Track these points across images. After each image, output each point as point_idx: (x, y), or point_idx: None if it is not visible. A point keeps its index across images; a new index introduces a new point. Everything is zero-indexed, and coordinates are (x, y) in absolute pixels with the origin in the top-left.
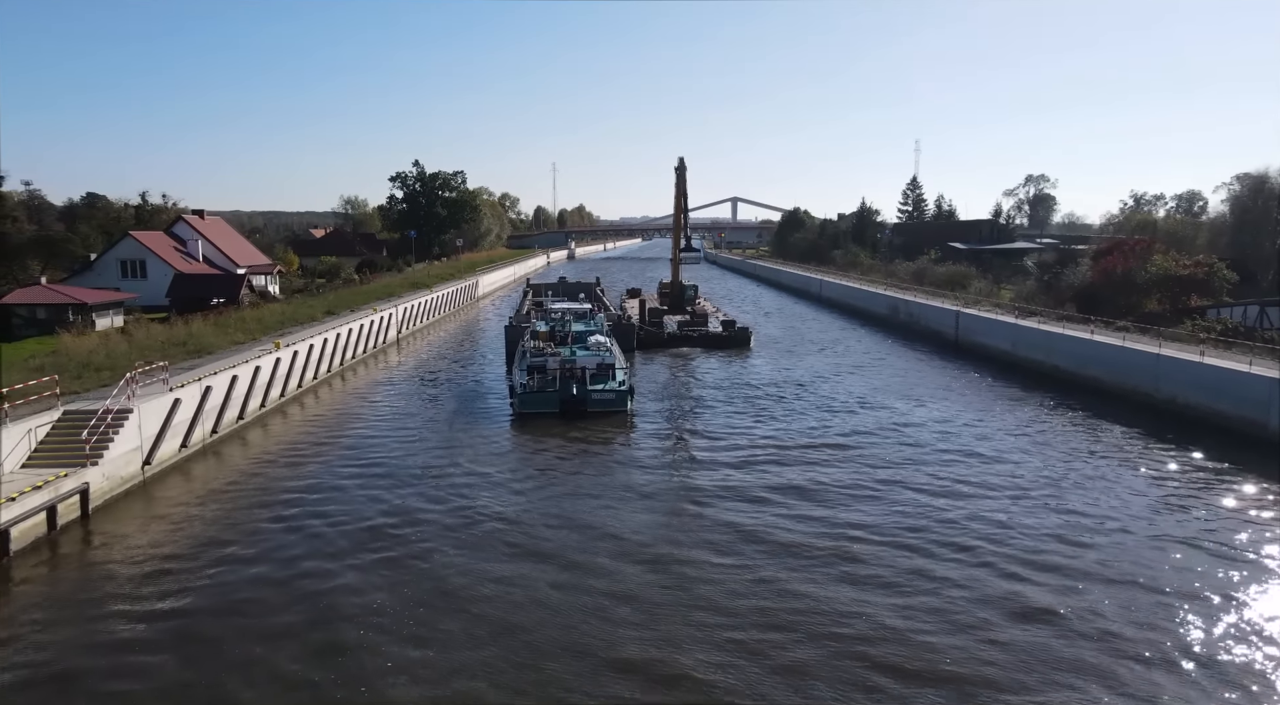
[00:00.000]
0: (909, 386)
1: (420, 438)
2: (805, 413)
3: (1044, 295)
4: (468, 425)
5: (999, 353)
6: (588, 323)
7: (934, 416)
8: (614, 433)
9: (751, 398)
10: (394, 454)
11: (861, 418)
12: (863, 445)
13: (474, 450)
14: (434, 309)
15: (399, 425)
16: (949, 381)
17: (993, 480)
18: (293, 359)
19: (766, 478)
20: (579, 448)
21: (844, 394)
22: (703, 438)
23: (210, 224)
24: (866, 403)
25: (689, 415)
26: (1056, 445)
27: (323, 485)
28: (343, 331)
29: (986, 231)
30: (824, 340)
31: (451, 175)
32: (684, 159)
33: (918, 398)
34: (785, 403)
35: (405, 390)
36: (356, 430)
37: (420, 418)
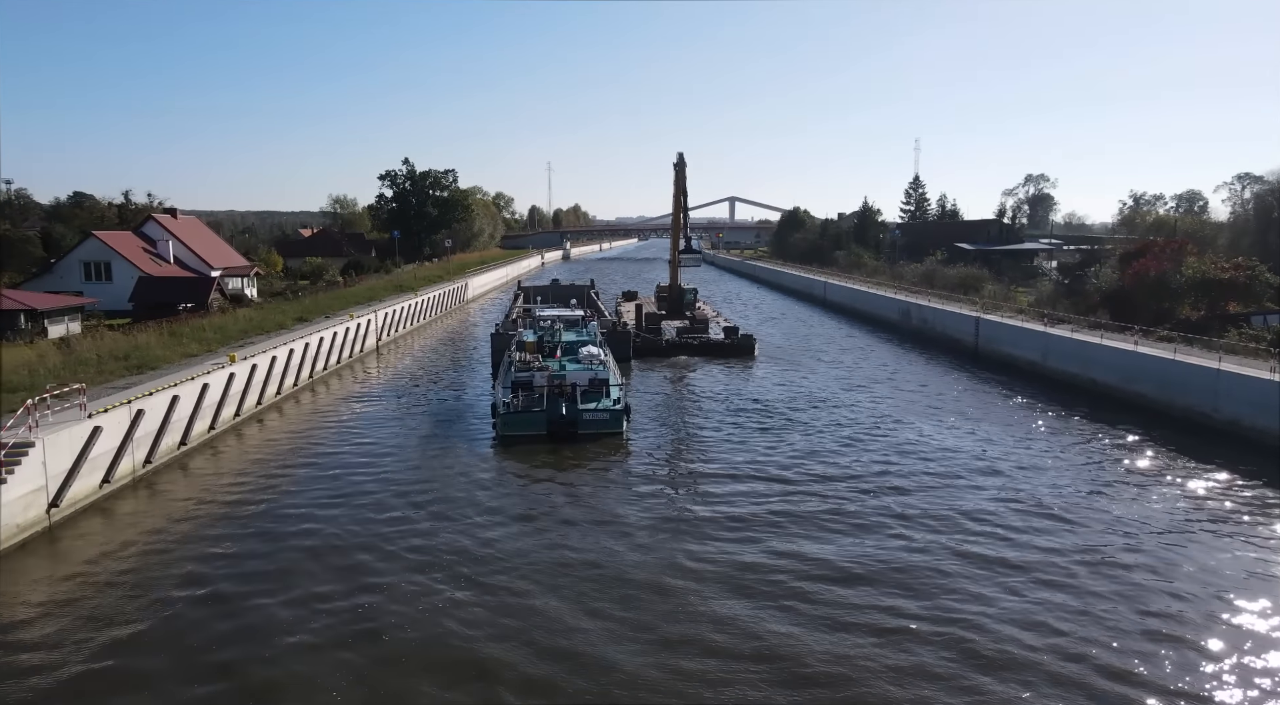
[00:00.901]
0: (932, 403)
1: (387, 466)
2: (820, 436)
3: (1065, 299)
4: (443, 451)
5: (1027, 364)
6: (579, 331)
7: (966, 443)
8: (607, 460)
9: (759, 417)
10: (355, 489)
11: (882, 444)
12: (887, 482)
13: (447, 484)
14: (418, 314)
15: (365, 450)
16: (976, 397)
17: (1059, 540)
18: (250, 373)
19: (781, 526)
20: (568, 480)
21: (860, 413)
22: (707, 468)
23: (183, 224)
24: (886, 425)
25: (691, 439)
26: (1125, 486)
27: (266, 531)
28: (312, 341)
29: (995, 232)
30: (832, 348)
31: (442, 174)
32: (683, 155)
33: (944, 417)
34: (797, 425)
35: (378, 407)
36: (316, 456)
37: (390, 441)
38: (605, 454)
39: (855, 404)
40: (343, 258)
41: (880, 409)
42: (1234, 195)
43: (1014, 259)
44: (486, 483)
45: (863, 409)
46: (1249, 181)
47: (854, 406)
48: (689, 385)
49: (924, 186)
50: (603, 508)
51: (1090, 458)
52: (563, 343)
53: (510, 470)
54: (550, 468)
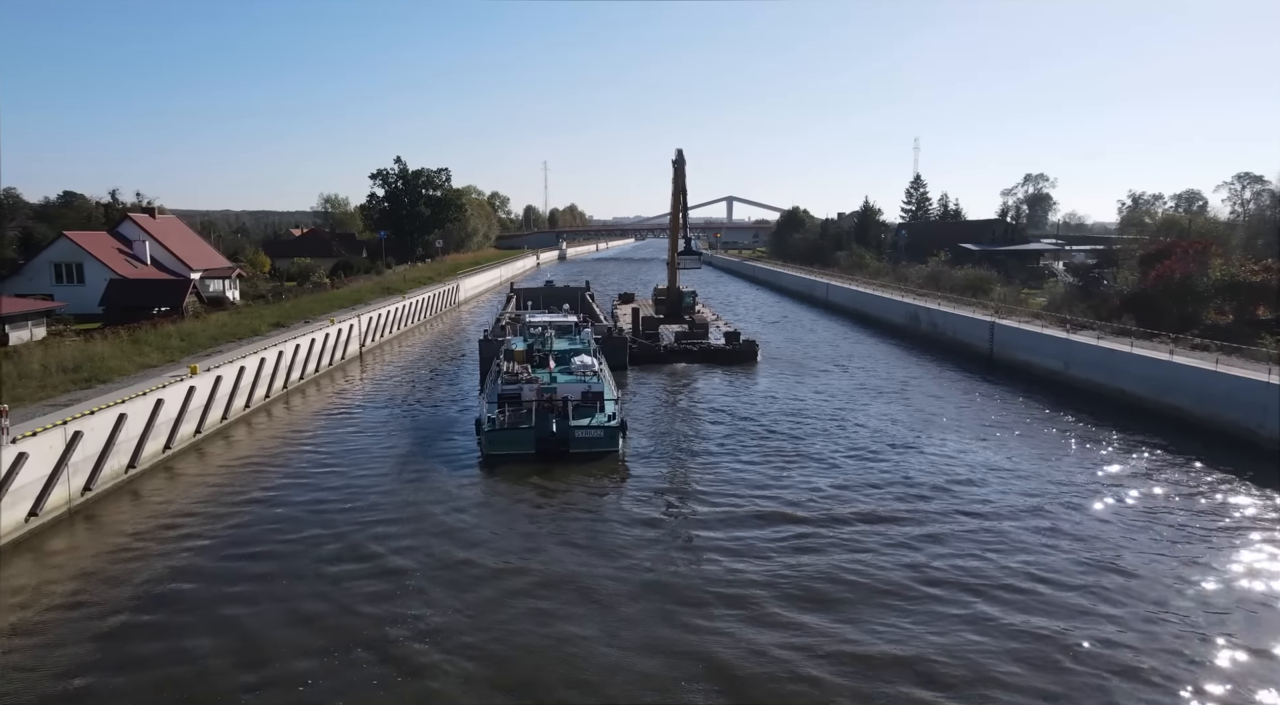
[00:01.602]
0: (951, 419)
1: (358, 490)
2: (832, 463)
3: (1081, 303)
4: (421, 472)
5: (1047, 372)
6: (572, 339)
7: (994, 463)
8: (601, 483)
9: (765, 436)
10: (319, 521)
11: (900, 466)
12: (910, 514)
13: (421, 517)
14: (406, 317)
15: (336, 472)
16: (997, 410)
17: (1138, 609)
18: (214, 386)
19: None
20: (557, 505)
21: (872, 428)
22: (709, 494)
23: (162, 223)
24: (905, 446)
25: (692, 462)
26: (1178, 514)
27: (214, 570)
28: (288, 348)
29: (999, 232)
30: (837, 355)
31: (435, 172)
32: (682, 151)
33: (967, 437)
34: (806, 446)
35: (354, 422)
36: (282, 479)
37: (365, 460)
38: (598, 477)
39: (868, 420)
40: (333, 258)
41: (896, 426)
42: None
43: (1019, 260)
44: (464, 517)
45: (876, 426)
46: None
47: (866, 423)
48: (689, 396)
49: (925, 186)
50: (591, 550)
51: (1142, 488)
52: (554, 351)
53: (493, 497)
54: (537, 494)
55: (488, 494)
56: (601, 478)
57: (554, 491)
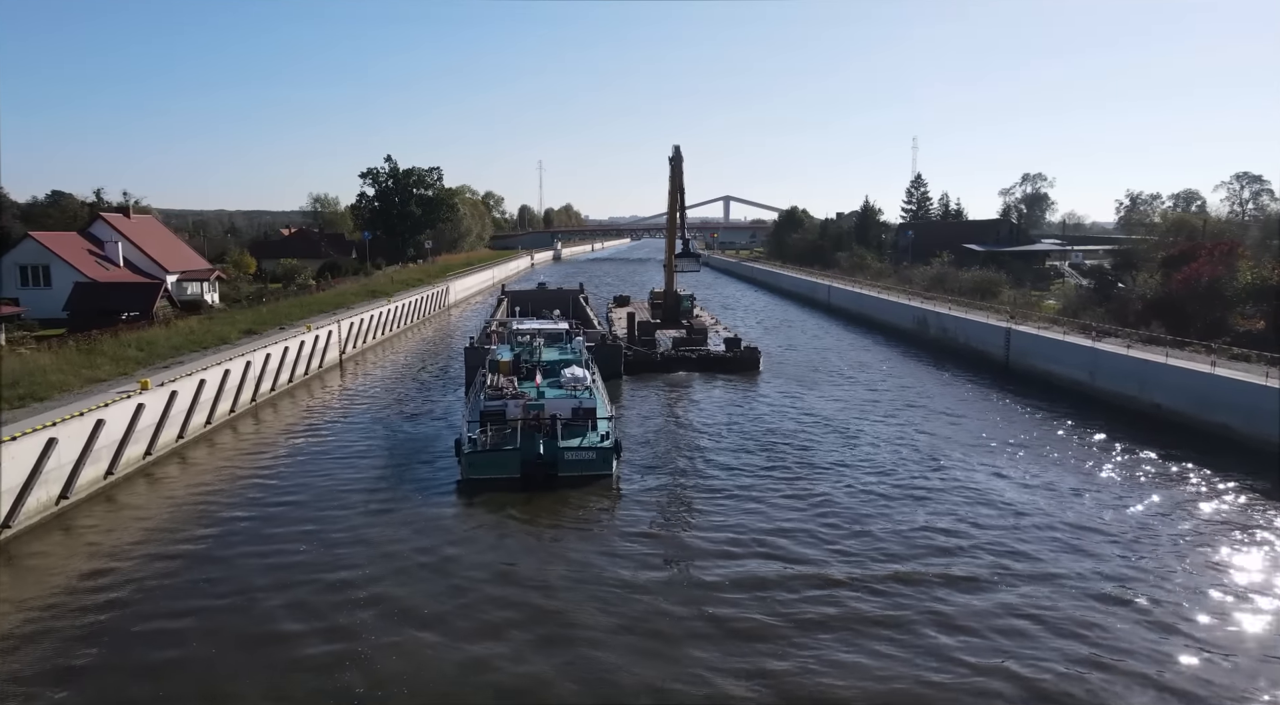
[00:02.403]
0: (972, 436)
1: (317, 525)
2: (848, 490)
3: (1097, 307)
4: (391, 501)
5: (1070, 383)
6: (563, 348)
7: (1028, 493)
8: (592, 513)
9: (772, 458)
10: (266, 561)
11: (923, 497)
12: (940, 561)
13: (389, 549)
14: (391, 322)
15: (294, 502)
16: (1021, 425)
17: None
18: (168, 402)
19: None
20: (543, 541)
21: (890, 451)
22: (711, 530)
23: (137, 223)
24: (925, 470)
25: (692, 487)
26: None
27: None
28: (257, 358)
29: (1005, 232)
30: (843, 363)
31: (427, 171)
32: (679, 147)
33: (990, 454)
34: (816, 465)
35: (325, 439)
36: (231, 510)
37: (330, 487)
38: (589, 506)
39: (882, 439)
40: (321, 259)
41: (913, 445)
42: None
43: (1025, 261)
44: (435, 557)
45: (892, 445)
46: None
47: (881, 441)
48: (688, 409)
49: (926, 185)
50: (580, 593)
51: (1199, 522)
52: (543, 362)
53: (471, 529)
54: (520, 526)
55: (465, 525)
56: (593, 506)
57: (540, 524)
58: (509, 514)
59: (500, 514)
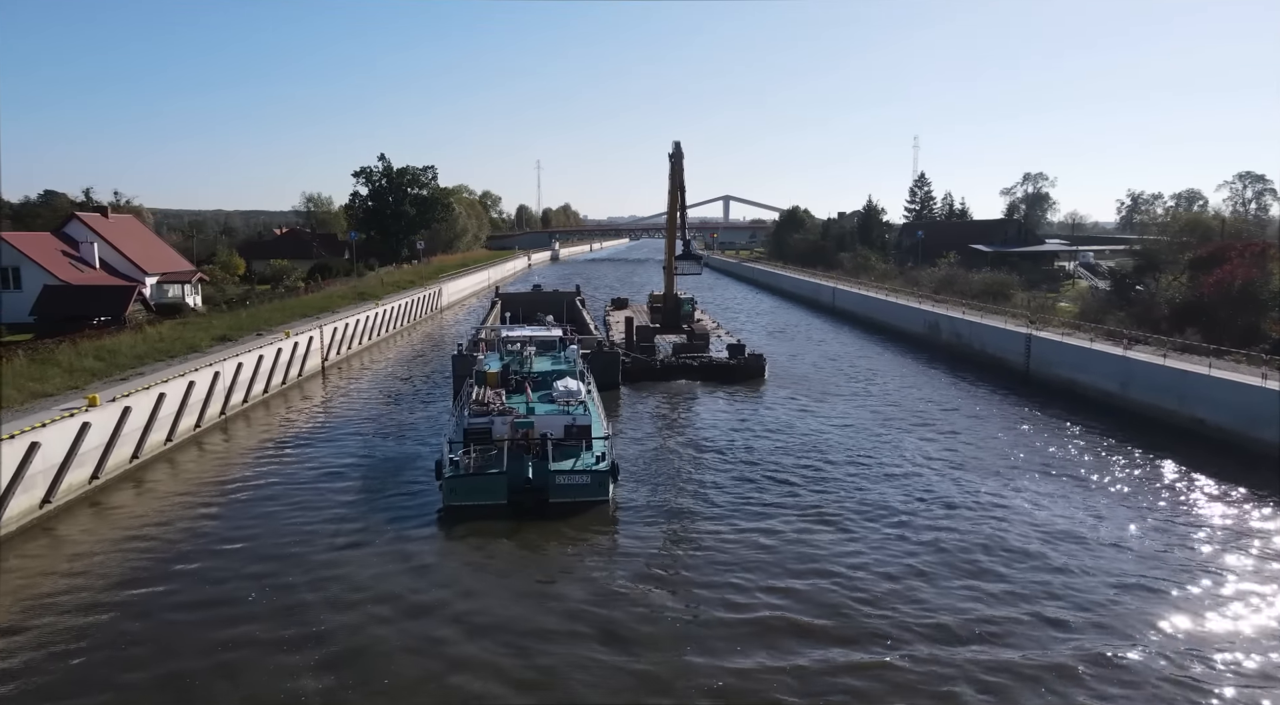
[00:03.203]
0: (997, 453)
1: (276, 564)
2: (864, 515)
3: (1117, 311)
4: (364, 532)
5: (1100, 394)
6: (556, 357)
7: (1070, 525)
8: (587, 545)
9: (781, 478)
10: (214, 610)
11: (942, 525)
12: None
13: (356, 592)
14: (379, 326)
15: (251, 534)
16: (1051, 442)
17: None
18: (120, 419)
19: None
20: (533, 583)
21: (911, 473)
22: (718, 564)
23: (115, 223)
24: (953, 495)
25: (696, 512)
26: None
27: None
28: (227, 368)
29: (1012, 232)
30: (852, 371)
31: (421, 170)
32: (680, 144)
33: (1022, 477)
34: (826, 488)
35: (294, 458)
36: (179, 545)
37: (294, 516)
38: (583, 539)
39: (901, 457)
40: (312, 259)
41: (937, 468)
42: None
43: (1033, 262)
44: (409, 599)
45: (912, 465)
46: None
47: (900, 463)
48: (690, 424)
49: (930, 184)
50: (573, 641)
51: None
52: (533, 374)
53: (450, 568)
54: (506, 561)
55: (442, 565)
56: (587, 537)
57: (527, 564)
58: (493, 550)
59: (483, 551)
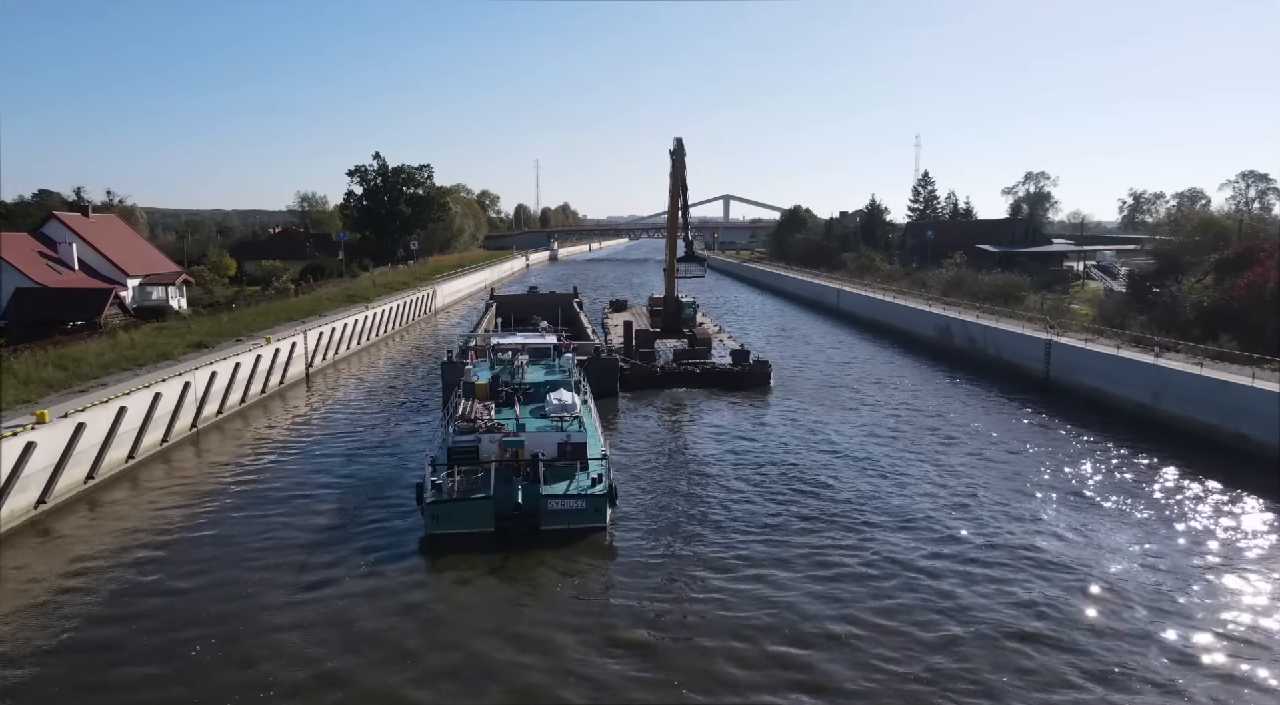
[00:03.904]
0: (1024, 472)
1: (241, 596)
2: (882, 548)
3: (1138, 314)
4: (337, 564)
5: (1130, 405)
6: (550, 366)
7: (1120, 562)
8: (582, 582)
9: (791, 500)
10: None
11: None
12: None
13: (324, 630)
14: (369, 329)
15: (220, 562)
16: (1082, 460)
17: None
18: (72, 438)
19: None
20: (523, 625)
21: (929, 494)
22: (724, 606)
23: (96, 223)
24: (977, 519)
25: (701, 539)
26: None
27: None
28: (199, 377)
29: (1019, 232)
30: (861, 378)
31: (417, 169)
32: (681, 140)
33: (1055, 502)
34: (838, 512)
35: (267, 478)
36: (137, 571)
37: (260, 544)
38: (577, 571)
39: (921, 479)
40: (305, 260)
41: (961, 491)
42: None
43: (1041, 262)
44: (385, 640)
45: (934, 490)
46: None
47: (920, 484)
48: (693, 437)
49: (934, 183)
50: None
51: None
52: (525, 385)
53: (430, 605)
54: (493, 598)
55: (421, 601)
56: (582, 570)
57: (515, 595)
58: (477, 586)
59: (468, 586)
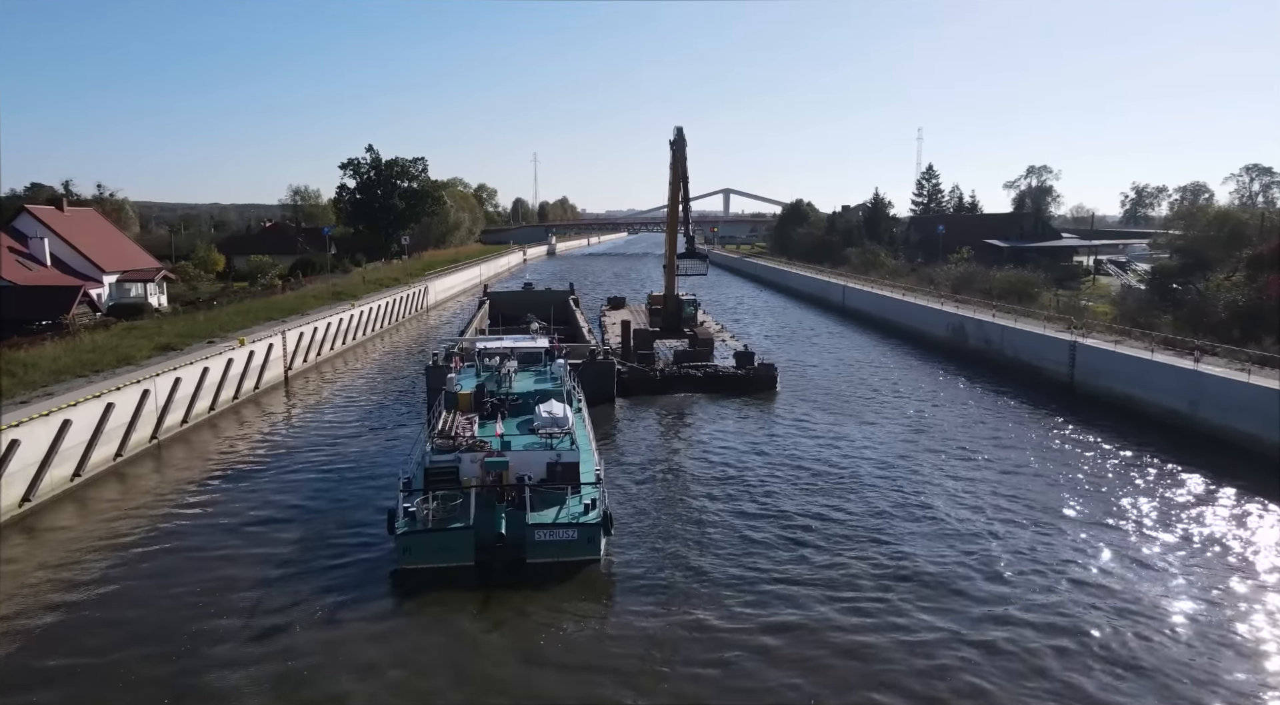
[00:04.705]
0: (1057, 489)
1: (179, 649)
2: (907, 579)
3: (1163, 313)
4: (295, 603)
5: (1165, 413)
6: (540, 373)
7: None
8: (573, 621)
9: (804, 523)
10: None
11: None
12: None
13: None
14: (356, 328)
15: (163, 597)
16: (1112, 475)
17: None
18: (5, 454)
19: None
20: (502, 677)
21: (953, 515)
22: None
23: (72, 217)
24: (995, 545)
25: (706, 573)
26: None
27: None
28: (161, 384)
29: (1028, 227)
30: (872, 382)
31: (411, 162)
32: (682, 130)
33: (1095, 527)
34: (860, 546)
35: (228, 497)
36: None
37: (214, 577)
38: (567, 608)
39: (942, 498)
40: (295, 255)
41: (988, 509)
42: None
43: (1051, 257)
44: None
45: (959, 513)
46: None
47: (942, 503)
48: (696, 448)
49: (938, 176)
50: None
51: None
52: (513, 396)
53: (398, 655)
54: (470, 644)
55: (389, 645)
56: (572, 610)
57: (497, 641)
58: (454, 630)
59: (441, 632)
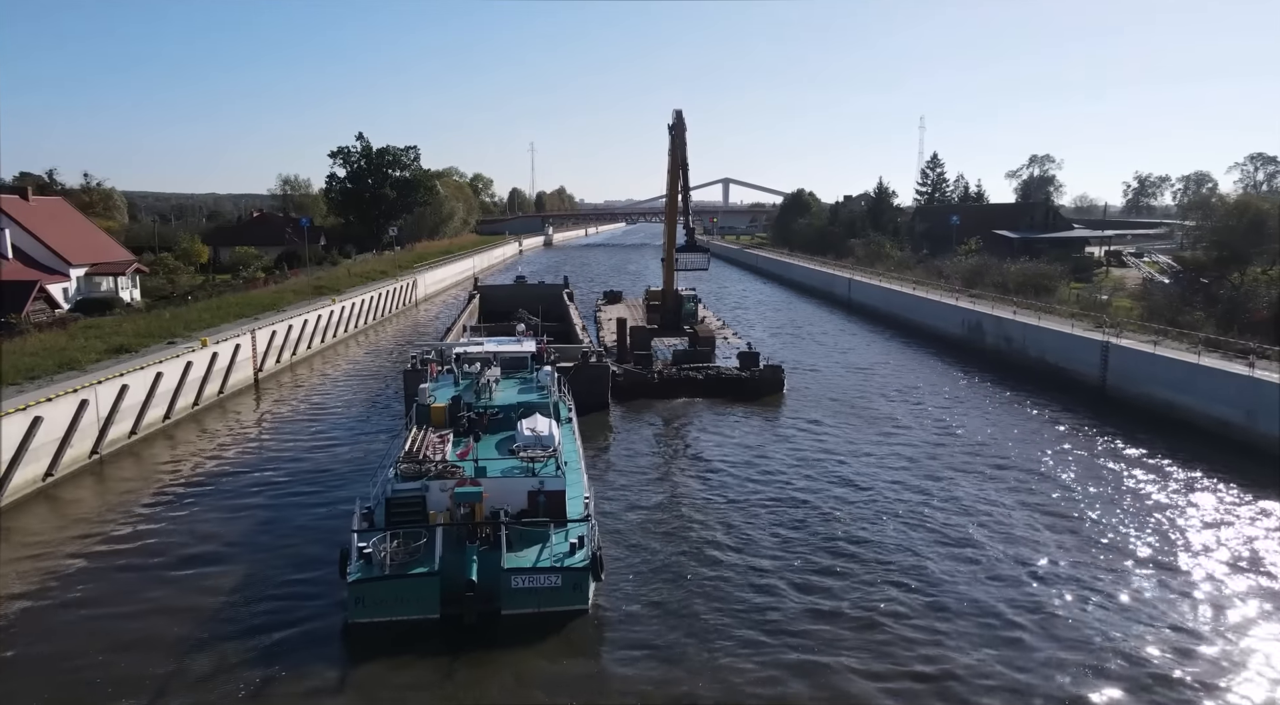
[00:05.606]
0: (1094, 512)
1: None
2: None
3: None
4: (221, 670)
5: (1213, 424)
6: (526, 381)
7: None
8: (557, 686)
9: (821, 555)
10: None
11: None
12: None
13: None
14: (336, 325)
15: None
16: (1159, 495)
17: None
18: None
19: None
20: None
21: (983, 547)
22: None
23: (39, 207)
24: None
25: (717, 627)
26: None
27: None
28: (105, 392)
29: (1039, 217)
30: (884, 384)
31: (403, 151)
32: (681, 113)
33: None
34: (884, 587)
35: (160, 528)
36: None
37: (132, 632)
38: (548, 671)
39: (970, 524)
40: (282, 245)
41: (1024, 537)
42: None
43: (1062, 249)
44: None
45: (990, 543)
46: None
47: (971, 530)
48: (696, 465)
49: (943, 165)
50: None
51: None
52: (493, 408)
53: None
54: None
55: None
56: (556, 673)
57: None
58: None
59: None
